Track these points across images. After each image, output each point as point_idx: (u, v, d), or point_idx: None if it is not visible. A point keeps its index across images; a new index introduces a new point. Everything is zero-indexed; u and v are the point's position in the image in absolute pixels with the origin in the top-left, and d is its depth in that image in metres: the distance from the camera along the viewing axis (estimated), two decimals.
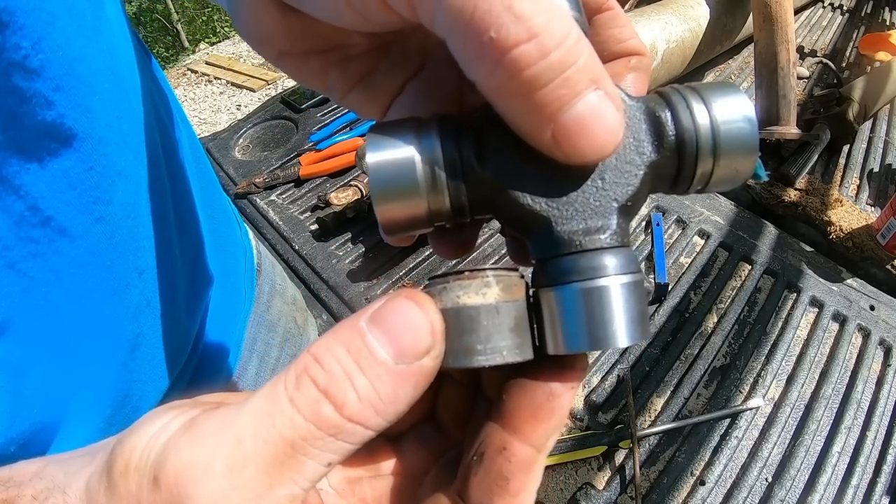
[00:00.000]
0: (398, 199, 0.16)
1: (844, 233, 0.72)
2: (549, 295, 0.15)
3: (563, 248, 0.15)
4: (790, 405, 0.55)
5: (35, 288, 0.26)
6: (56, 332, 0.28)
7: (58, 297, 0.27)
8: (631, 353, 0.59)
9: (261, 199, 0.82)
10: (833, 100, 0.87)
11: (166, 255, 0.33)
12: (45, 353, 0.27)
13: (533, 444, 0.15)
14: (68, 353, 0.28)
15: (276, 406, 0.14)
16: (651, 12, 0.85)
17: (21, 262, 0.25)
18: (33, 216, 0.25)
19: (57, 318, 0.28)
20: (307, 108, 1.00)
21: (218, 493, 0.14)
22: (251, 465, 0.14)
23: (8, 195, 0.23)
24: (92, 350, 0.29)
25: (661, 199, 0.77)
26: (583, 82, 0.13)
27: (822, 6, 1.34)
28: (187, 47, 3.59)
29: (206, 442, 0.14)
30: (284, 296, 0.58)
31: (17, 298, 0.25)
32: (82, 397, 0.29)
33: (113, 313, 0.30)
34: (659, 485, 0.50)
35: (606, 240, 0.15)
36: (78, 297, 0.28)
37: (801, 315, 0.63)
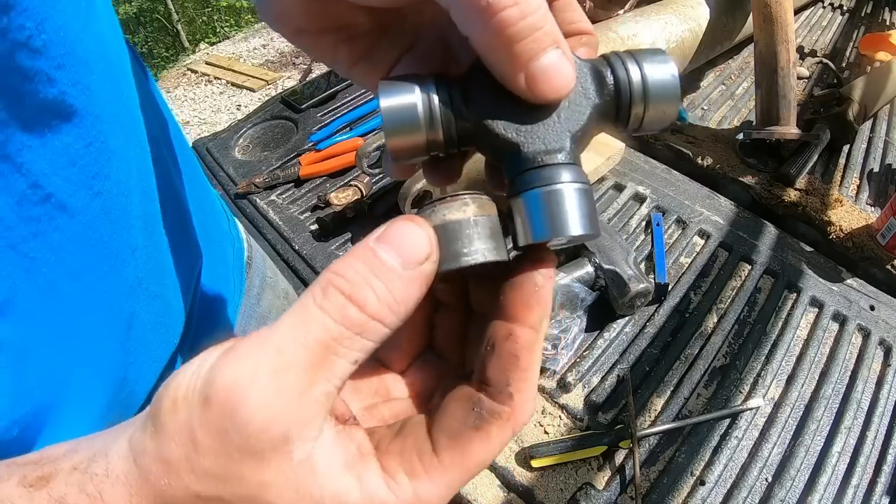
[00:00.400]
0: (404, 132, 0.21)
1: (844, 233, 0.72)
2: (518, 200, 0.20)
3: (529, 164, 0.20)
4: (790, 405, 0.55)
5: (36, 268, 0.27)
6: (56, 312, 0.28)
7: (58, 277, 0.28)
8: (631, 353, 0.59)
9: (261, 199, 0.82)
10: (833, 100, 0.87)
11: (155, 234, 0.34)
12: (47, 333, 0.28)
13: (532, 326, 0.19)
14: (68, 333, 0.29)
15: (308, 315, 0.17)
16: (651, 12, 0.85)
17: (22, 242, 0.26)
18: (34, 194, 0.25)
19: (57, 298, 0.28)
20: (307, 108, 1.00)
21: (265, 397, 0.16)
22: (292, 370, 0.16)
23: (11, 173, 0.24)
24: (91, 329, 0.30)
25: (661, 199, 0.77)
26: (548, 41, 0.18)
27: (822, 6, 1.34)
28: (187, 47, 3.59)
29: (248, 358, 0.16)
30: (276, 289, 0.59)
31: (19, 279, 0.26)
32: (82, 378, 0.30)
33: (110, 290, 0.31)
34: (659, 485, 0.50)
35: (561, 158, 0.20)
36: (77, 276, 0.29)
37: (801, 315, 0.63)
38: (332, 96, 1.03)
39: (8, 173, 0.24)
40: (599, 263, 0.61)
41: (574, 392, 0.56)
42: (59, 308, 0.28)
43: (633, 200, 0.78)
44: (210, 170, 0.90)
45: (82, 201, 0.28)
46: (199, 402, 0.16)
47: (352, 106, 1.00)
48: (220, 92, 2.92)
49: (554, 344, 0.58)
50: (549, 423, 0.54)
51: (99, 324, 0.31)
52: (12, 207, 0.25)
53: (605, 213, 0.76)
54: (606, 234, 0.65)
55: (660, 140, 0.89)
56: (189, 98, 2.91)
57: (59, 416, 0.29)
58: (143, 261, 0.33)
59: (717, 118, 0.96)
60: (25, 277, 0.26)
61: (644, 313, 0.63)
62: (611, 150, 0.80)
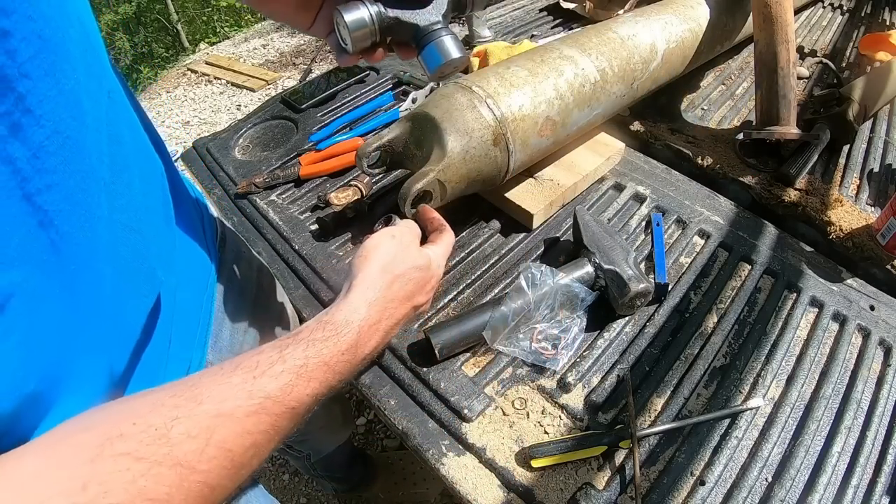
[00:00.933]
0: (360, 31, 0.41)
1: (844, 233, 0.72)
2: (424, 51, 0.44)
3: (424, 31, 0.43)
4: (790, 405, 0.55)
5: (49, 220, 0.29)
6: (66, 261, 0.31)
7: (71, 227, 0.31)
8: (631, 353, 0.59)
9: (261, 199, 0.82)
10: (833, 100, 0.87)
11: (134, 182, 0.39)
12: (58, 282, 0.30)
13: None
14: (75, 285, 0.31)
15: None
16: (651, 12, 0.85)
17: (37, 194, 0.28)
18: (51, 143, 0.28)
19: (68, 248, 0.31)
20: (307, 108, 1.00)
21: (389, 247, 0.46)
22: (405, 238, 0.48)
23: (31, 126, 0.27)
24: (94, 274, 0.33)
25: (661, 199, 0.77)
26: None
27: (822, 6, 1.34)
28: (187, 47, 3.59)
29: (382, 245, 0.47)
30: (251, 264, 0.65)
31: (33, 231, 0.28)
32: (88, 320, 0.33)
33: (106, 235, 0.34)
34: (659, 485, 0.50)
35: (439, 25, 0.43)
36: (85, 224, 0.32)
37: (801, 315, 0.63)
38: (332, 96, 1.03)
39: (27, 126, 0.26)
40: (599, 263, 0.61)
41: (574, 392, 0.56)
42: (69, 257, 0.31)
43: (633, 200, 0.78)
44: (210, 170, 0.90)
45: (92, 140, 0.32)
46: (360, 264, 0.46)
47: (352, 106, 1.00)
48: (220, 92, 2.92)
49: (554, 344, 0.58)
50: (549, 423, 0.54)
51: (100, 267, 0.34)
52: (29, 160, 0.27)
53: (605, 213, 0.76)
54: (606, 234, 0.65)
55: (660, 140, 0.89)
56: (189, 98, 2.91)
57: (71, 361, 0.32)
58: (129, 206, 0.37)
59: (717, 118, 0.96)
60: (39, 229, 0.28)
61: (644, 313, 0.63)
62: (611, 151, 0.80)
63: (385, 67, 1.11)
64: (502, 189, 0.73)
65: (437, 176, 0.59)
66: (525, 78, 0.67)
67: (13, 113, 0.25)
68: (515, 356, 0.58)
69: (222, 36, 3.63)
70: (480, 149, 0.62)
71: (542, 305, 0.58)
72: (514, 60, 0.70)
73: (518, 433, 0.53)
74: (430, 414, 0.55)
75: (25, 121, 0.26)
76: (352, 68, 1.11)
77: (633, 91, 0.79)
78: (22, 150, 0.26)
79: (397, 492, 1.23)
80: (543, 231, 0.74)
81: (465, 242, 0.73)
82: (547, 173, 0.76)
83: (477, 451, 0.52)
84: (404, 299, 0.46)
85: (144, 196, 0.40)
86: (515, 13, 1.34)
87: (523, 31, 1.25)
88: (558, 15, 1.30)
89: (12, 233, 0.26)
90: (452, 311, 0.65)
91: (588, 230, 0.65)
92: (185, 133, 2.61)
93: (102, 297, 0.34)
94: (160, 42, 3.69)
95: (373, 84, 1.06)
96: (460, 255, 0.71)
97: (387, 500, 1.23)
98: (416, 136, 0.64)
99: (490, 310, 0.57)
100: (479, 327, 0.57)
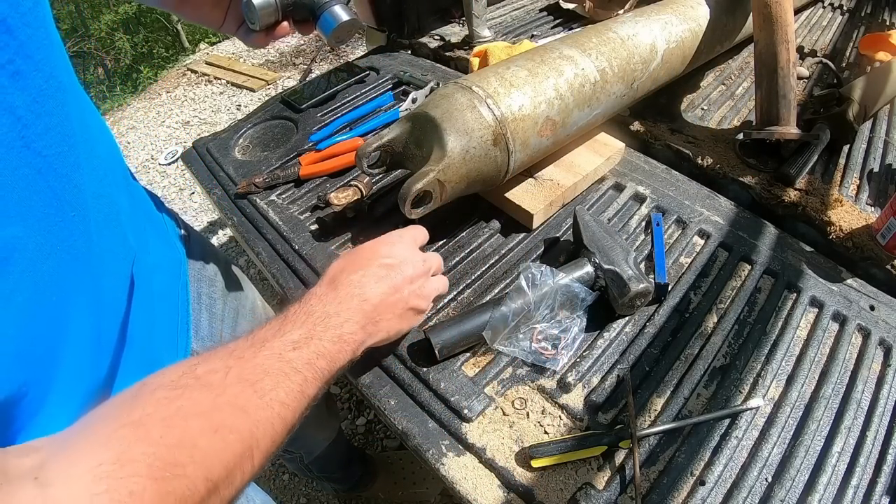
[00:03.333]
0: (265, 9, 0.52)
1: (844, 233, 0.72)
2: (320, 21, 0.56)
3: (317, 5, 0.56)
4: (790, 405, 0.55)
5: (48, 167, 0.31)
6: (64, 216, 0.32)
7: (69, 170, 0.33)
8: (631, 353, 0.59)
9: (261, 199, 0.82)
10: (833, 100, 0.87)
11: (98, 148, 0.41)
12: (55, 236, 0.31)
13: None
14: (71, 238, 0.33)
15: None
16: (651, 12, 0.85)
17: (37, 139, 0.29)
18: (49, 86, 0.30)
19: (65, 198, 0.32)
20: (307, 108, 1.00)
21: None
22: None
23: (31, 72, 0.28)
24: (84, 231, 0.35)
25: (661, 199, 0.77)
26: None
27: (822, 6, 1.34)
28: (187, 47, 3.58)
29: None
30: (217, 257, 0.68)
31: (33, 179, 0.29)
32: (82, 287, 0.35)
33: (91, 190, 0.36)
34: (659, 485, 0.50)
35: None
36: (75, 168, 0.34)
37: (801, 315, 0.63)
38: (332, 96, 1.03)
39: (28, 72, 0.28)
40: (599, 263, 0.61)
41: (574, 392, 0.56)
42: (66, 204, 0.33)
43: (633, 200, 0.78)
44: (210, 170, 0.90)
45: (73, 85, 0.34)
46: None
47: (352, 106, 1.00)
48: (220, 92, 2.91)
49: (554, 344, 0.58)
50: (549, 423, 0.54)
51: (89, 219, 0.36)
52: (29, 105, 0.28)
53: (605, 213, 0.76)
54: (606, 234, 0.65)
55: (660, 140, 0.89)
56: (189, 98, 2.90)
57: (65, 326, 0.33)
58: (94, 161, 0.39)
59: (717, 118, 0.96)
60: (38, 177, 0.30)
61: (644, 313, 0.63)
62: (611, 151, 0.80)
63: (385, 67, 1.11)
64: (502, 189, 0.73)
65: (437, 176, 0.59)
66: (525, 78, 0.67)
67: (15, 60, 0.27)
68: (515, 356, 0.58)
69: (222, 36, 3.63)
70: (480, 149, 0.62)
71: (542, 305, 0.58)
72: (514, 60, 0.70)
73: (518, 433, 0.53)
74: (430, 414, 0.55)
75: (26, 67, 0.28)
76: (352, 68, 1.11)
77: (632, 91, 0.79)
78: (22, 98, 0.28)
79: (397, 491, 1.23)
80: (543, 231, 0.74)
81: (465, 242, 0.73)
82: (547, 173, 0.76)
83: (477, 451, 0.52)
84: (355, 262, 0.49)
85: (108, 164, 0.42)
86: (515, 13, 1.34)
87: (523, 31, 1.25)
88: (558, 15, 1.30)
89: (13, 184, 0.27)
90: (452, 311, 0.65)
91: (588, 230, 0.65)
92: (185, 133, 2.61)
93: (92, 254, 0.35)
94: (160, 42, 3.68)
95: (373, 84, 1.06)
96: (460, 255, 0.71)
97: (387, 499, 1.24)
98: (416, 136, 0.64)
99: (490, 310, 0.57)
100: (479, 327, 0.57)
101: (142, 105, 2.89)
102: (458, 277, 0.68)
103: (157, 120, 2.73)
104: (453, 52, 1.17)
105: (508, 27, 1.26)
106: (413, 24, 1.24)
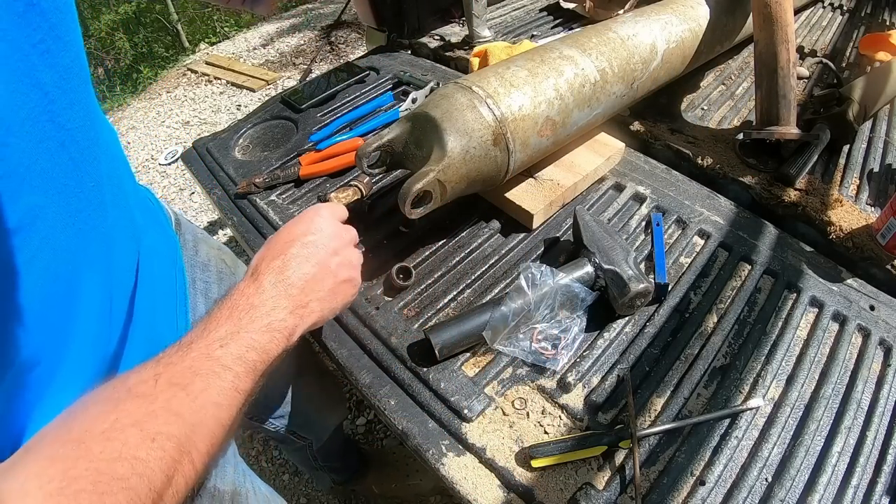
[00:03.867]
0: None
1: (844, 233, 0.72)
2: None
3: None
4: (790, 405, 0.55)
5: (71, 139, 0.33)
6: (82, 185, 0.34)
7: (89, 143, 0.35)
8: (631, 353, 0.59)
9: (261, 199, 0.82)
10: (833, 100, 0.87)
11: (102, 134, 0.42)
12: (74, 203, 0.33)
13: None
14: (88, 209, 0.35)
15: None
16: (651, 12, 0.85)
17: (62, 113, 0.32)
18: (75, 64, 0.32)
19: (84, 168, 0.35)
20: (307, 108, 1.00)
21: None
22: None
23: (60, 51, 0.31)
24: (99, 203, 0.37)
25: (661, 199, 0.77)
26: None
27: (822, 6, 1.34)
28: (187, 47, 3.58)
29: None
30: (209, 242, 0.69)
31: (56, 152, 0.31)
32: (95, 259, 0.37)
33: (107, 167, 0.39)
34: (659, 485, 0.50)
35: None
36: (93, 142, 0.36)
37: (801, 315, 0.63)
38: (332, 96, 1.03)
39: (57, 51, 0.30)
40: (599, 263, 0.61)
41: (574, 392, 0.56)
42: (85, 174, 0.35)
43: (633, 200, 0.78)
44: (210, 170, 0.90)
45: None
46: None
47: (352, 106, 1.00)
48: (220, 92, 2.91)
49: (554, 344, 0.58)
50: (549, 423, 0.54)
51: (103, 190, 0.38)
52: (57, 82, 0.31)
53: (605, 213, 0.76)
54: (606, 234, 0.65)
55: (660, 140, 0.89)
56: (189, 98, 2.90)
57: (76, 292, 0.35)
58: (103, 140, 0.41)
59: (717, 118, 0.96)
60: (61, 150, 0.32)
61: (644, 313, 0.63)
62: (611, 150, 0.80)
63: (385, 67, 1.11)
64: (502, 189, 0.73)
65: (437, 176, 0.59)
66: (525, 78, 0.67)
67: (46, 40, 0.30)
68: (515, 356, 0.58)
69: (222, 36, 3.63)
70: (480, 149, 0.62)
71: (542, 305, 0.58)
72: (514, 60, 0.70)
73: (518, 433, 0.53)
74: (430, 414, 0.55)
75: (55, 46, 0.31)
76: (352, 68, 1.11)
77: (632, 91, 0.79)
78: (50, 75, 0.30)
79: (390, 484, 1.24)
80: (543, 231, 0.74)
81: (465, 242, 0.73)
82: (547, 173, 0.76)
83: (477, 451, 0.52)
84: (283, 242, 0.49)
85: (115, 147, 0.45)
86: (515, 13, 1.34)
87: (523, 31, 1.25)
88: (558, 15, 1.30)
89: (38, 156, 0.29)
90: (452, 311, 0.65)
91: (588, 230, 0.65)
92: (185, 133, 2.61)
93: (106, 226, 0.38)
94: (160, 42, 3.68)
95: (373, 84, 1.06)
96: (460, 255, 0.71)
97: (381, 493, 1.24)
98: (416, 136, 0.64)
99: (490, 310, 0.57)
100: (479, 327, 0.57)
101: (142, 105, 2.89)
102: (458, 277, 0.68)
103: (157, 120, 2.73)
104: (453, 52, 1.17)
105: (508, 27, 1.26)
106: (413, 24, 1.24)
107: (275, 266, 0.45)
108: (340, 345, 0.63)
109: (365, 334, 0.62)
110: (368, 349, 0.61)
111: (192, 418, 0.32)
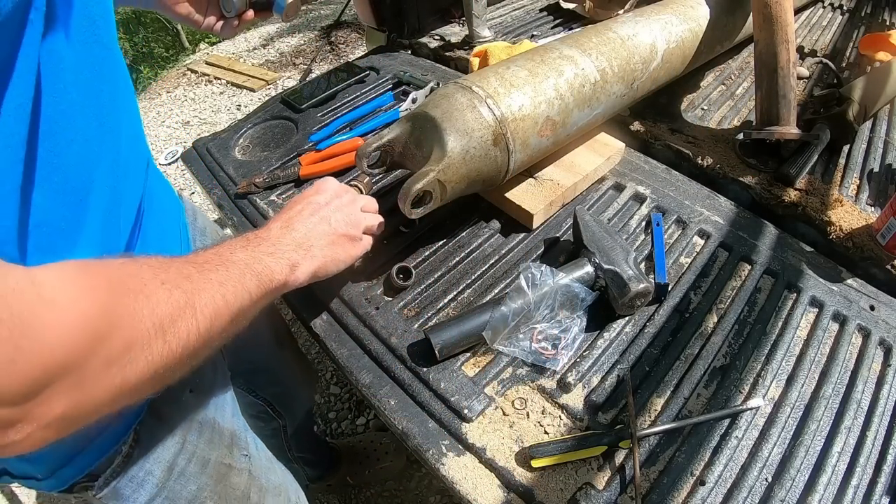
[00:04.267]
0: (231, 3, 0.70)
1: (844, 233, 0.72)
2: (273, 8, 0.75)
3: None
4: (790, 405, 0.55)
5: (111, 57, 0.43)
6: (112, 99, 0.44)
7: (123, 63, 0.47)
8: (631, 353, 0.59)
9: (261, 199, 0.82)
10: (833, 100, 0.87)
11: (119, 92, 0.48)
12: (104, 113, 0.42)
13: None
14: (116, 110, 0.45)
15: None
16: (651, 12, 0.85)
17: (104, 35, 0.41)
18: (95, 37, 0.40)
19: (118, 88, 0.45)
20: (307, 108, 1.00)
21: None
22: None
23: (84, 27, 0.38)
24: (123, 117, 0.47)
25: (661, 199, 0.77)
26: None
27: (822, 6, 1.34)
28: (187, 47, 3.59)
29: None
30: (204, 215, 0.76)
31: (100, 66, 0.41)
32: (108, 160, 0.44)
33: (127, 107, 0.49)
34: (659, 485, 0.50)
35: None
36: (119, 92, 0.45)
37: (801, 315, 0.63)
38: (332, 96, 1.03)
39: (83, 26, 0.38)
40: (599, 263, 0.61)
41: (574, 392, 0.56)
42: (117, 95, 0.45)
43: (633, 200, 0.78)
44: (210, 170, 0.90)
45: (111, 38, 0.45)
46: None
47: (352, 106, 1.00)
48: (220, 92, 2.91)
49: (554, 344, 0.58)
50: (549, 423, 0.54)
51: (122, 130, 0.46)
52: (102, 14, 0.40)
53: (605, 213, 0.76)
54: (606, 234, 0.65)
55: (660, 140, 0.89)
56: (189, 98, 2.90)
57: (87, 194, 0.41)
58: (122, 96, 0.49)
59: (717, 118, 0.96)
60: (104, 65, 0.42)
61: (644, 313, 0.63)
62: (611, 150, 0.80)
63: (385, 67, 1.11)
64: (502, 189, 0.73)
65: (438, 176, 0.59)
66: (525, 78, 0.67)
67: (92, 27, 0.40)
68: (515, 356, 0.58)
69: None
70: (480, 149, 0.62)
71: (542, 305, 0.58)
72: (514, 60, 0.70)
73: (518, 433, 0.53)
74: (430, 414, 0.55)
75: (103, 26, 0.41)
76: (352, 68, 1.11)
77: (632, 91, 0.79)
78: (98, 8, 0.40)
79: (364, 471, 1.26)
80: (543, 231, 0.74)
81: (465, 242, 0.73)
82: (547, 173, 0.76)
83: (477, 451, 0.52)
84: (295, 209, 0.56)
85: (127, 89, 0.50)
86: (515, 13, 1.34)
87: (523, 31, 1.25)
88: (558, 15, 1.30)
89: (83, 67, 0.39)
90: (452, 311, 0.65)
91: (588, 230, 0.65)
92: (185, 133, 2.61)
93: (118, 147, 0.45)
94: (160, 42, 3.69)
95: (373, 84, 1.06)
96: (460, 255, 0.71)
97: (356, 483, 1.26)
98: (416, 136, 0.64)
99: (490, 310, 0.57)
100: (479, 327, 0.57)
101: (142, 105, 2.89)
102: (458, 277, 0.68)
103: (157, 120, 2.73)
104: (453, 52, 1.17)
105: (508, 27, 1.26)
106: (413, 24, 1.24)
107: (282, 218, 0.53)
108: (340, 345, 0.63)
109: (365, 334, 0.62)
110: (368, 349, 0.61)
111: (198, 284, 0.37)
